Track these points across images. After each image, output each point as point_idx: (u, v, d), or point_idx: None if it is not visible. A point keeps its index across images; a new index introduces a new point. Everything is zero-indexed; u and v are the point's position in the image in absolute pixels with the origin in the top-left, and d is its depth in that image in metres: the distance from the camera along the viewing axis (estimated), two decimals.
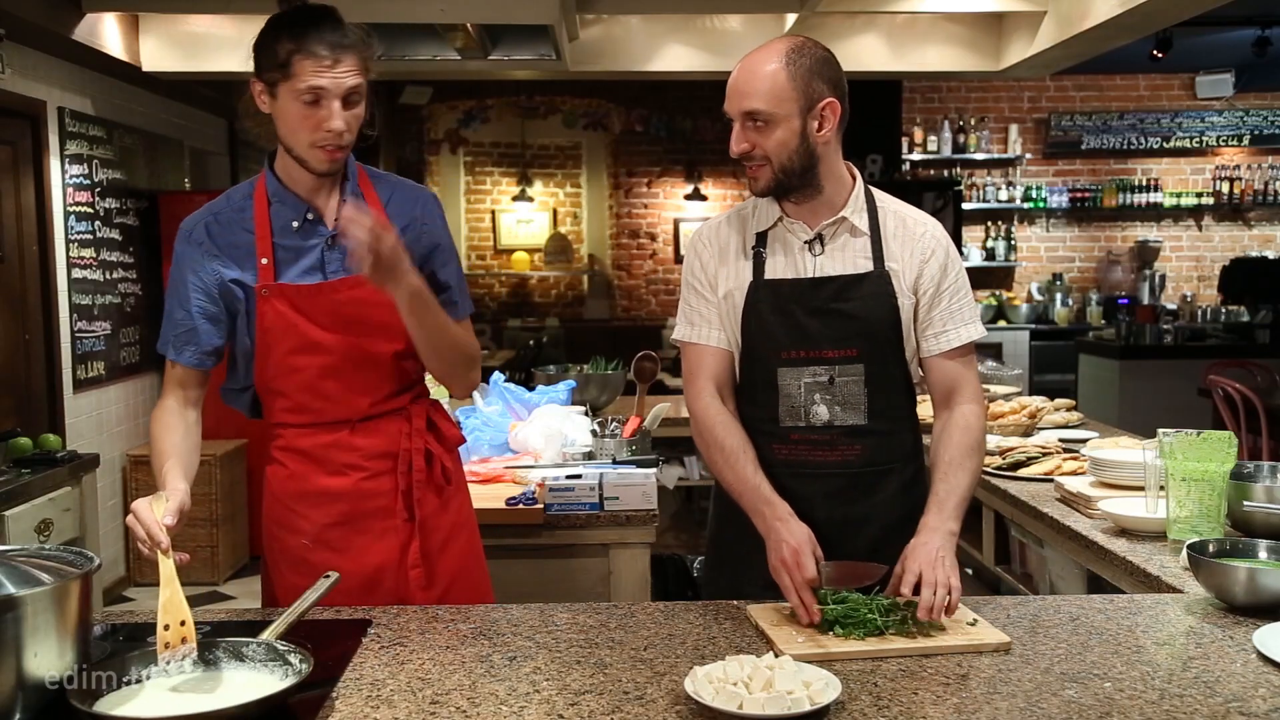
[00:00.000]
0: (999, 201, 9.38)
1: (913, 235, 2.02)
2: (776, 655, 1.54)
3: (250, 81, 1.95)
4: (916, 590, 1.77)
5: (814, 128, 1.91)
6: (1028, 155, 9.51)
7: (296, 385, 2.03)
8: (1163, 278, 9.52)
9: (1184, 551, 1.95)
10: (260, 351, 2.02)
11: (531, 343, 8.55)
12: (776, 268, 2.02)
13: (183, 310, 2.01)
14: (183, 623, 1.57)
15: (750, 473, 1.97)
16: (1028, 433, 3.47)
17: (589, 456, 3.21)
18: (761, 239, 2.04)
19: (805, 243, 2.02)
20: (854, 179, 2.04)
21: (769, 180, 1.95)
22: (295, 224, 2.01)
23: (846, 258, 2.01)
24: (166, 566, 1.64)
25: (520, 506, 2.74)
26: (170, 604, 1.58)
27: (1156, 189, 9.45)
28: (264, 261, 1.99)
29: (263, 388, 2.07)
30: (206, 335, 2.01)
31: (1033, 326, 9.14)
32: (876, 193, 2.07)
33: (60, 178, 5.22)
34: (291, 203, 2.02)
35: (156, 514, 1.71)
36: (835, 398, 2.01)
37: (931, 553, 1.81)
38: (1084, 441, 3.21)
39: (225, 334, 2.03)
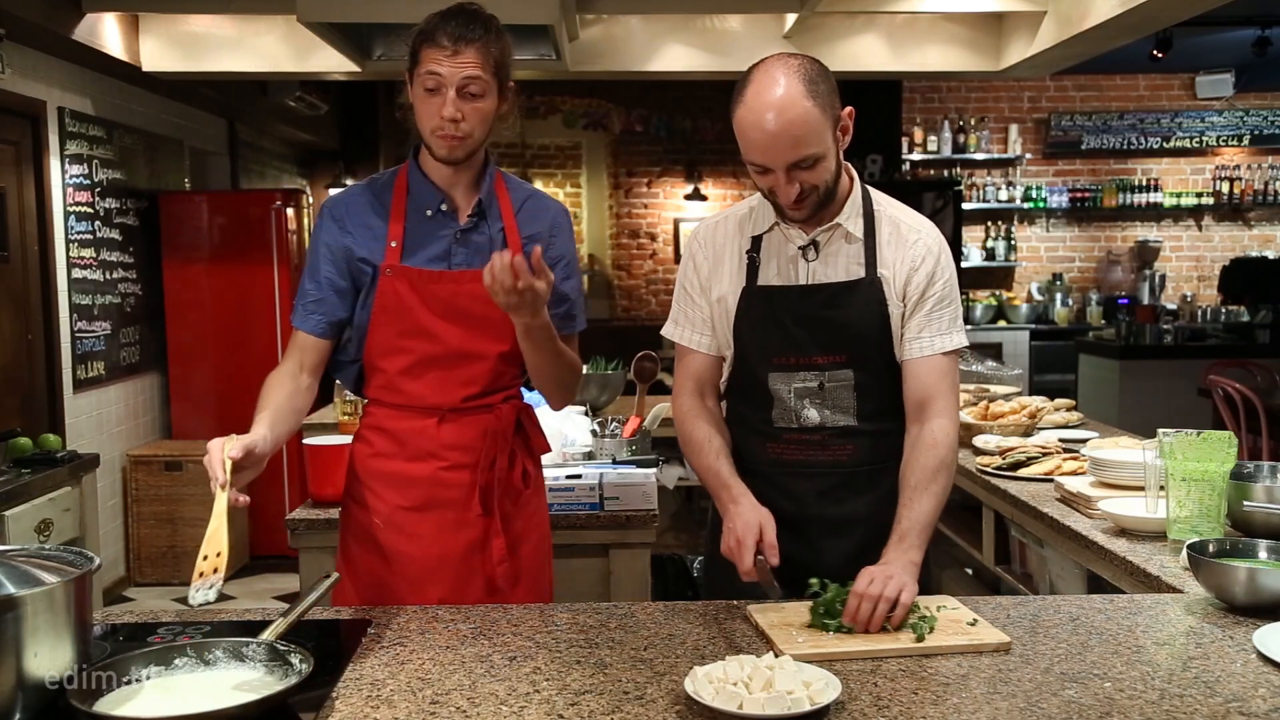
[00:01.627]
0: (999, 201, 9.38)
1: (905, 242, 2.00)
2: (776, 655, 1.54)
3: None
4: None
5: (840, 140, 1.91)
6: (1028, 155, 9.51)
7: (398, 367, 2.09)
8: (1163, 278, 9.52)
9: (1184, 551, 1.95)
10: (373, 328, 2.08)
11: None
12: (769, 274, 2.02)
13: (313, 281, 2.09)
14: (219, 554, 1.63)
15: (712, 459, 2.01)
16: (1028, 433, 3.47)
17: (589, 456, 3.21)
18: (756, 243, 2.03)
19: (799, 248, 2.01)
20: (851, 182, 2.02)
21: (813, 206, 1.93)
22: (429, 212, 2.08)
23: (839, 264, 2.00)
24: (221, 501, 1.71)
25: None
26: (214, 536, 1.66)
27: (1156, 189, 9.46)
28: (393, 244, 2.07)
29: (369, 363, 2.13)
30: (332, 307, 2.09)
31: (1033, 326, 9.15)
32: (875, 195, 2.05)
33: (60, 178, 5.22)
34: (428, 192, 2.09)
35: (227, 448, 1.77)
36: (825, 402, 2.01)
37: (887, 571, 1.78)
38: (1084, 441, 3.20)
39: (349, 308, 2.10)
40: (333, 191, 2.22)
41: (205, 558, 1.63)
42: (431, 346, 2.07)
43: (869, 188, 2.06)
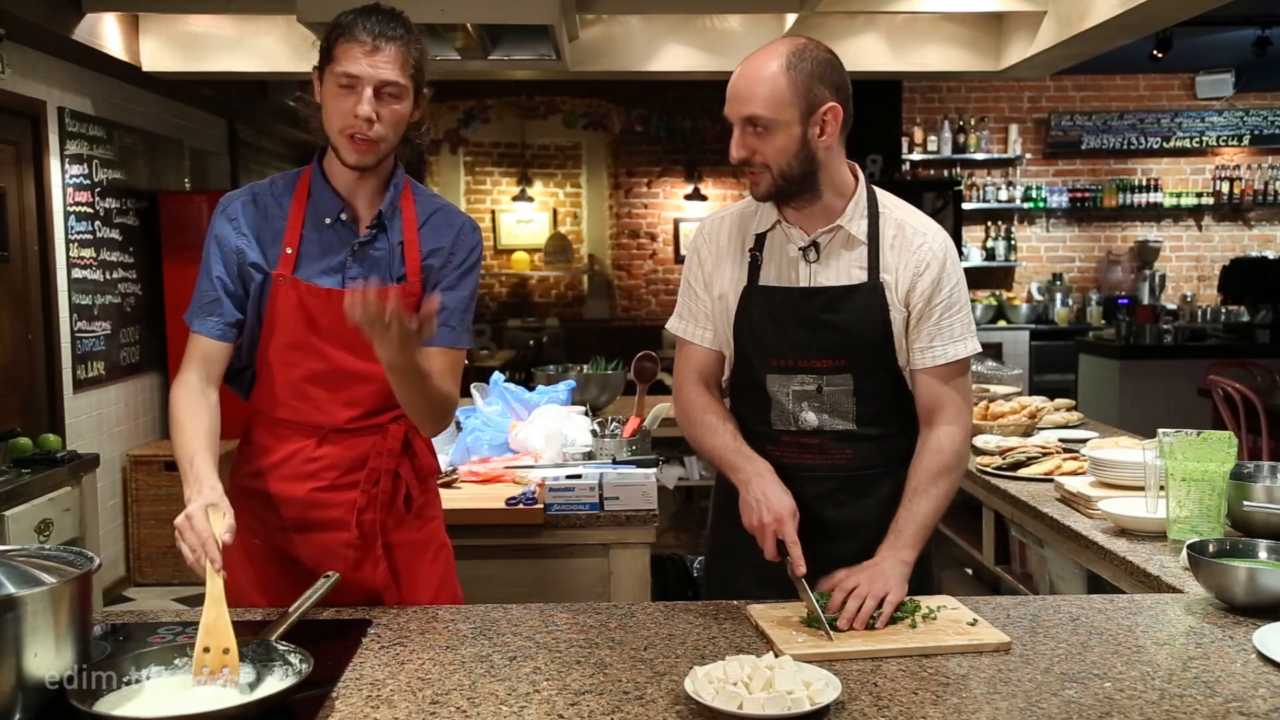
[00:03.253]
0: (999, 201, 9.38)
1: (909, 246, 1.96)
2: (776, 655, 1.54)
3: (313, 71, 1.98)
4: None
5: (815, 133, 1.87)
6: (1028, 155, 9.51)
7: (283, 379, 2.02)
8: (1163, 278, 9.52)
9: (1184, 551, 1.95)
10: (264, 334, 2.02)
11: (531, 343, 8.55)
12: (770, 274, 2.00)
13: (208, 281, 2.01)
14: (226, 650, 1.52)
15: (729, 438, 2.00)
16: (1028, 433, 3.47)
17: (589, 456, 3.21)
18: (760, 241, 2.02)
19: (800, 249, 1.98)
20: (856, 182, 1.99)
21: (769, 186, 1.91)
22: (328, 220, 2.01)
23: (841, 267, 1.97)
24: (216, 585, 1.60)
25: (520, 506, 2.74)
26: (214, 627, 1.54)
27: (1156, 189, 9.46)
28: (288, 250, 1.99)
29: (258, 371, 2.07)
30: (228, 308, 2.00)
31: (1033, 326, 9.14)
32: (882, 196, 2.02)
33: (60, 178, 5.22)
34: (329, 199, 2.01)
35: (215, 528, 1.68)
36: (823, 405, 2.00)
37: (877, 570, 1.82)
38: (1084, 441, 3.21)
39: (244, 311, 2.03)
40: (231, 191, 2.19)
41: (207, 650, 1.52)
42: (317, 364, 1.99)
43: (876, 189, 2.02)
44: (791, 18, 5.68)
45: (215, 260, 2.01)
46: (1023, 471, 2.96)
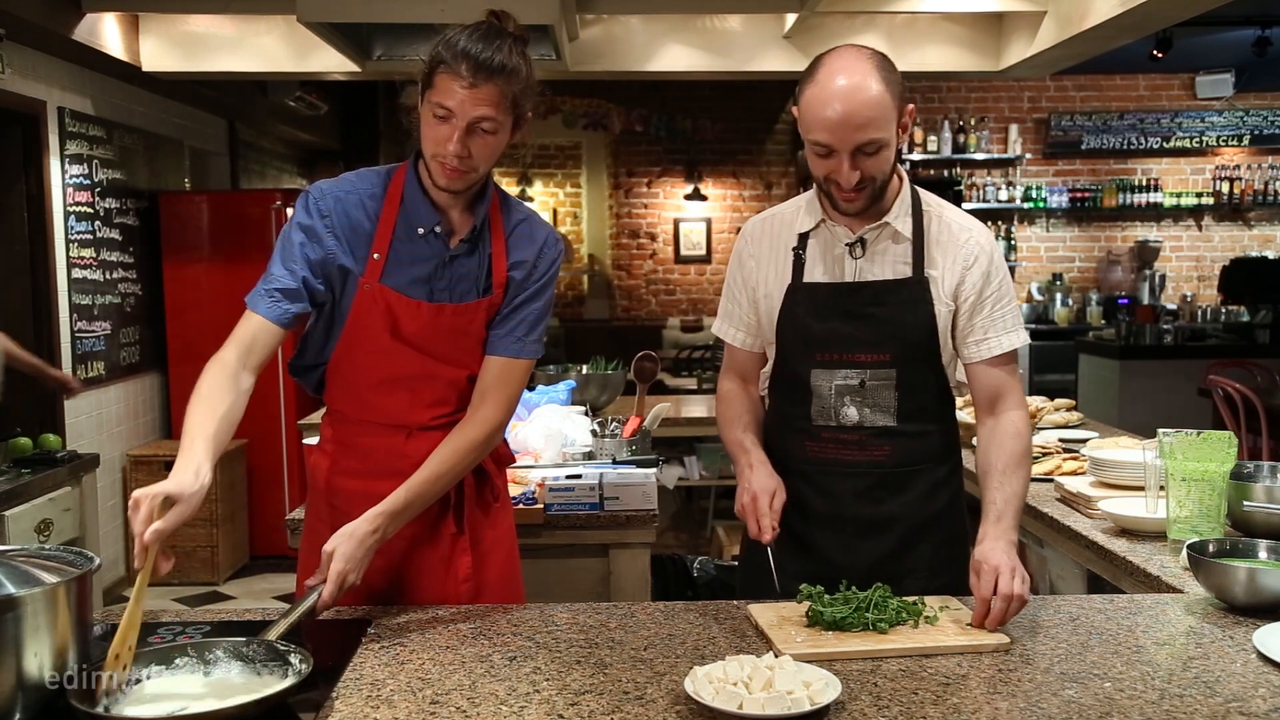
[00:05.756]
0: (999, 201, 9.38)
1: (956, 241, 2.00)
2: (776, 655, 1.54)
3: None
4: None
5: (900, 137, 1.91)
6: (1028, 155, 9.51)
7: (367, 381, 2.02)
8: (1163, 278, 9.52)
9: (1184, 551, 1.95)
10: (345, 336, 2.00)
11: None
12: (815, 271, 2.02)
13: (284, 269, 1.94)
14: (129, 647, 1.50)
15: (739, 432, 2.08)
16: None
17: (589, 456, 3.21)
18: (803, 240, 2.04)
19: (846, 245, 2.01)
20: (901, 181, 2.02)
21: (868, 199, 1.93)
22: (420, 230, 1.97)
23: (886, 263, 2.00)
24: (140, 579, 1.55)
25: (520, 506, 2.73)
26: (126, 623, 1.51)
27: (1156, 189, 9.46)
28: (376, 257, 1.96)
29: (333, 370, 2.05)
30: (301, 302, 1.95)
31: (1033, 326, 9.14)
32: (924, 194, 2.05)
33: (60, 178, 5.22)
34: (424, 209, 1.98)
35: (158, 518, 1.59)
36: (865, 400, 2.01)
37: (1008, 564, 1.76)
38: (1084, 441, 3.20)
39: (313, 305, 1.99)
40: (321, 183, 2.04)
41: (129, 647, 1.50)
42: (402, 367, 2.00)
43: (918, 188, 2.05)
44: (791, 18, 5.68)
45: (300, 252, 1.95)
46: None
